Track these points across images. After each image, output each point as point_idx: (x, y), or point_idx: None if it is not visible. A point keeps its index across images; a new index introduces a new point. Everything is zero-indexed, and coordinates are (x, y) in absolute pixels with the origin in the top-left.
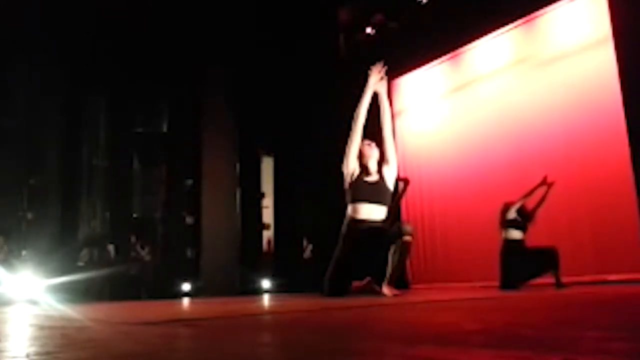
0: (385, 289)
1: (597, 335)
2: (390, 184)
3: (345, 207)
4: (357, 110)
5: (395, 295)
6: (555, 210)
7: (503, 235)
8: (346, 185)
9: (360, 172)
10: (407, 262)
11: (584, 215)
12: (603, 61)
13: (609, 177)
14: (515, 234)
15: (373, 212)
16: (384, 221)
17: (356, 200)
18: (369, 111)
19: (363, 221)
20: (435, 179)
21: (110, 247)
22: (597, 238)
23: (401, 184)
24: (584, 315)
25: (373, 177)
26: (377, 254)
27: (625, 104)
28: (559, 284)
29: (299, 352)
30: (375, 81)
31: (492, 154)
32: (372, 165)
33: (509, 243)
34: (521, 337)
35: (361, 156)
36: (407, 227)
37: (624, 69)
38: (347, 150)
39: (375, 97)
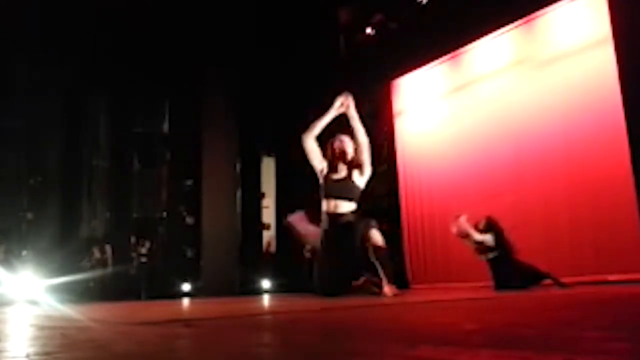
0: (387, 289)
1: (597, 336)
2: (358, 183)
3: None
4: (313, 124)
5: (395, 295)
6: (556, 211)
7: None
8: (320, 181)
9: (329, 171)
10: (395, 261)
11: (584, 215)
12: (603, 61)
13: (609, 177)
14: (486, 256)
15: (342, 207)
16: (354, 212)
17: (327, 196)
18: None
19: (334, 214)
20: (435, 179)
21: (107, 248)
22: (597, 238)
23: None
24: (584, 316)
25: (340, 174)
26: (353, 248)
27: (625, 104)
28: (560, 284)
29: (299, 352)
30: (338, 106)
31: (492, 154)
32: (341, 164)
33: (488, 262)
34: (521, 337)
35: (331, 153)
36: (372, 222)
37: (624, 69)
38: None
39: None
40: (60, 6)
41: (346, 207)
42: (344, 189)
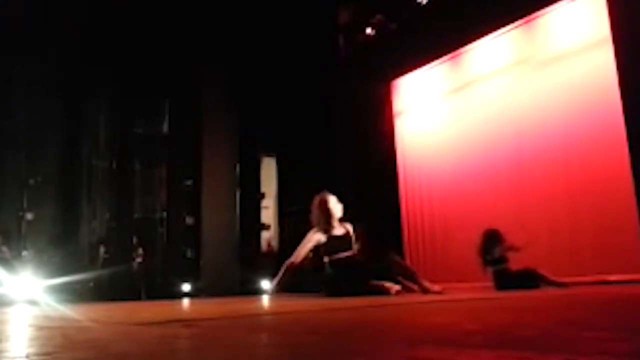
0: (434, 287)
1: (598, 336)
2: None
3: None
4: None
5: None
6: (556, 211)
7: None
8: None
9: (327, 231)
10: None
11: (584, 215)
12: (603, 62)
13: (609, 178)
14: (499, 266)
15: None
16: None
17: (330, 253)
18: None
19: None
20: (435, 180)
21: (101, 249)
22: (597, 238)
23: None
24: (584, 316)
25: (339, 231)
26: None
27: (624, 105)
28: (560, 284)
29: (299, 352)
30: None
31: (492, 154)
32: (336, 222)
33: (496, 274)
34: (521, 338)
35: (327, 213)
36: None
37: (624, 69)
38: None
39: None
40: (60, 6)
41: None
42: (344, 244)
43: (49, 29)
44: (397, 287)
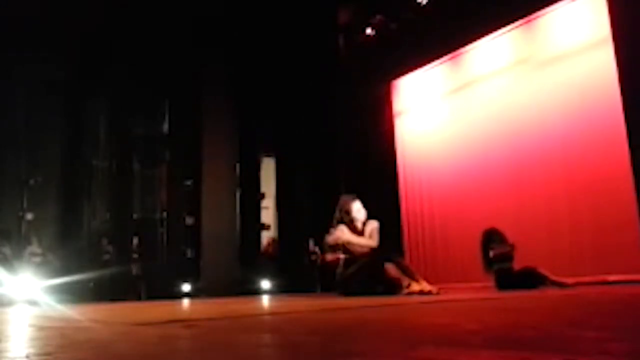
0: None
1: (597, 336)
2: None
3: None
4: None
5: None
6: (556, 211)
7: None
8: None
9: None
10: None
11: (584, 215)
12: (603, 62)
13: (609, 178)
14: (502, 265)
15: None
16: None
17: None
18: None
19: None
20: (435, 180)
21: (109, 247)
22: (597, 239)
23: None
24: (584, 316)
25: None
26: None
27: (624, 105)
28: (562, 285)
29: (300, 352)
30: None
31: (492, 154)
32: (359, 224)
33: (498, 273)
34: (521, 338)
35: (350, 218)
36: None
37: (624, 69)
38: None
39: None
40: (60, 6)
41: None
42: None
43: (49, 29)
44: (417, 288)
